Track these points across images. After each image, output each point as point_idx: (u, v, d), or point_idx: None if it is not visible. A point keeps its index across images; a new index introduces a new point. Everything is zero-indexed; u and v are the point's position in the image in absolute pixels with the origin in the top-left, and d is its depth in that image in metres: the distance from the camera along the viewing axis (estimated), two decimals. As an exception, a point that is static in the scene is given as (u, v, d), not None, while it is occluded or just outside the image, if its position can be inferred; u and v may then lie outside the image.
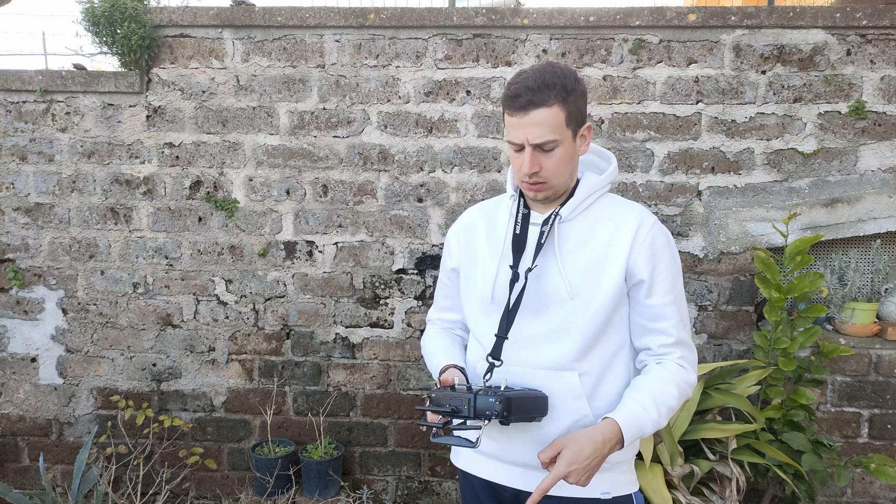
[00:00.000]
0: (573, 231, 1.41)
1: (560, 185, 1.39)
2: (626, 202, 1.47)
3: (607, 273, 1.37)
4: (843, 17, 2.81)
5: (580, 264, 1.38)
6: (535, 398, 1.31)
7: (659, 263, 1.37)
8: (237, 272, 3.15)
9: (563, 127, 1.32)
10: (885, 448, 2.86)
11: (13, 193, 3.16)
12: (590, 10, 2.89)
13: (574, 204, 1.42)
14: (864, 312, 2.86)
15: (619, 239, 1.38)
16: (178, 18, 3.02)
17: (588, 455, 1.24)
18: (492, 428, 1.32)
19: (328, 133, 3.06)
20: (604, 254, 1.38)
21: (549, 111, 1.29)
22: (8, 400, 3.27)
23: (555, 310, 1.38)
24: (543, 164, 1.33)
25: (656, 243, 1.38)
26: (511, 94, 1.32)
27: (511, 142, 1.36)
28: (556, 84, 1.30)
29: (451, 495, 3.19)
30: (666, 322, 1.38)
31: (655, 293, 1.38)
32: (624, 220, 1.40)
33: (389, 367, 3.16)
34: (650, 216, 1.42)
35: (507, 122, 1.35)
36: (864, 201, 2.85)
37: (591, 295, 1.36)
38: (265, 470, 3.00)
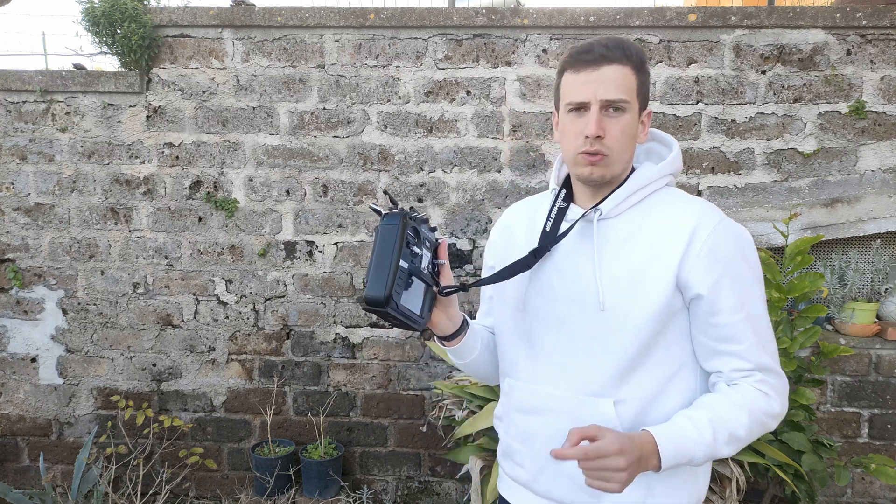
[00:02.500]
0: (616, 230, 1.18)
1: (619, 165, 1.17)
2: (687, 197, 1.21)
3: (651, 283, 1.13)
4: (843, 17, 2.81)
5: (619, 270, 1.15)
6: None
7: (723, 274, 1.12)
8: (237, 272, 3.15)
9: (633, 93, 1.15)
10: (885, 448, 2.86)
11: (13, 193, 3.16)
12: (590, 10, 2.89)
13: (619, 197, 1.19)
14: (864, 312, 2.86)
15: (669, 242, 1.14)
16: (178, 18, 3.02)
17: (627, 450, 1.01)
18: (522, 455, 1.22)
19: (328, 133, 3.06)
20: (649, 260, 1.14)
21: (623, 70, 1.13)
22: (8, 400, 3.27)
23: (583, 321, 1.17)
24: (609, 129, 1.13)
25: (719, 249, 1.13)
26: (580, 49, 1.15)
27: (571, 102, 1.15)
28: (632, 49, 1.15)
29: (450, 495, 3.19)
30: (738, 345, 1.13)
31: (721, 311, 1.13)
32: (679, 220, 1.15)
33: (389, 367, 3.16)
34: (714, 215, 1.16)
35: (568, 83, 1.16)
36: (864, 201, 2.85)
37: (629, 308, 1.13)
38: (265, 470, 3.00)
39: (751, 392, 1.13)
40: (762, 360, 1.14)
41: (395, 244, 1.01)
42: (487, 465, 2.43)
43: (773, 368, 1.15)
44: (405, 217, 1.04)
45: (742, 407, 1.12)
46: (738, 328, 1.13)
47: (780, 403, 1.16)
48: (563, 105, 1.18)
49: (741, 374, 1.14)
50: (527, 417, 1.23)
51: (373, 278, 1.00)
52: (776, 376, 1.16)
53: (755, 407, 1.12)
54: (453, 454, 2.63)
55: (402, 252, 1.02)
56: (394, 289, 0.99)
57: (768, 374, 1.15)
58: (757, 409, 1.12)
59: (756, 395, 1.13)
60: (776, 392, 1.15)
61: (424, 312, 1.12)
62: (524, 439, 1.24)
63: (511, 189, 3.03)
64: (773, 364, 1.16)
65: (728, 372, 1.15)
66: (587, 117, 1.14)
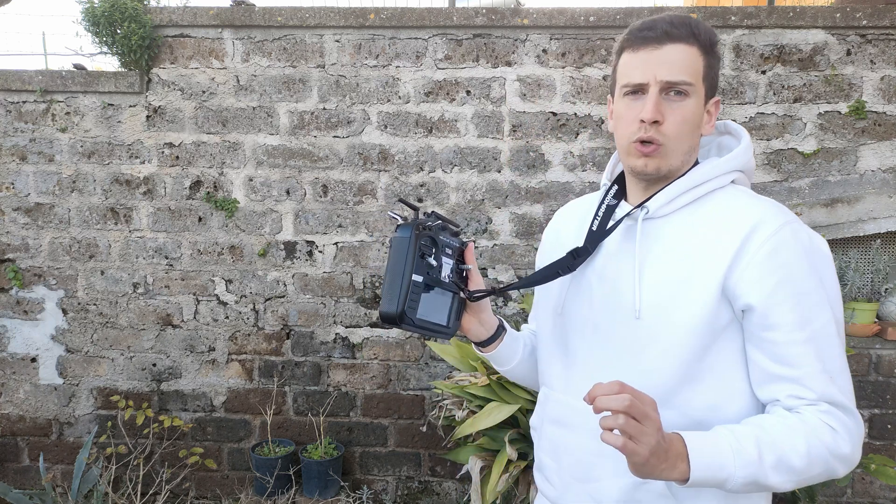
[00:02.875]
0: (665, 231, 1.05)
1: (676, 157, 1.04)
2: (755, 197, 1.04)
3: (693, 291, 0.98)
4: (843, 17, 2.81)
5: (661, 276, 1.02)
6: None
7: (783, 284, 0.95)
8: (237, 272, 3.15)
9: (698, 76, 1.02)
10: (885, 448, 2.86)
11: (13, 193, 3.16)
12: (590, 10, 2.89)
13: (670, 195, 1.05)
14: (864, 312, 2.86)
15: (720, 246, 0.98)
16: (178, 18, 3.02)
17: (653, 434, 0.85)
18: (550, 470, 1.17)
19: (328, 133, 3.06)
20: (695, 265, 1.00)
21: (688, 49, 1.00)
22: (8, 400, 3.27)
23: (618, 330, 1.05)
24: (668, 115, 1.01)
25: (780, 254, 0.96)
26: (641, 25, 1.03)
27: (628, 83, 1.03)
28: (701, 28, 1.02)
29: (450, 495, 3.19)
30: (797, 369, 0.95)
31: (777, 326, 0.96)
32: (736, 221, 1.00)
33: (389, 367, 3.16)
34: (780, 216, 0.99)
35: (626, 63, 1.04)
36: (864, 201, 2.85)
37: (666, 318, 1.00)
38: (265, 470, 3.00)
39: (814, 420, 0.94)
40: (828, 391, 0.95)
41: (407, 258, 0.98)
42: (487, 465, 2.42)
43: (844, 404, 0.96)
44: (417, 227, 1.01)
45: (799, 432, 0.93)
46: (798, 349, 0.95)
47: (849, 444, 0.94)
48: (618, 88, 1.06)
49: (803, 402, 0.95)
50: (558, 430, 1.15)
51: (386, 294, 0.98)
52: (849, 414, 0.96)
53: (817, 437, 0.92)
54: (453, 454, 2.63)
55: (414, 265, 0.99)
56: (407, 303, 0.97)
57: (838, 408, 0.95)
58: (819, 442, 0.92)
59: (820, 425, 0.94)
60: (847, 431, 0.94)
61: (452, 321, 1.08)
62: (554, 454, 1.16)
63: (511, 189, 3.03)
64: (843, 400, 0.96)
65: (785, 399, 0.96)
66: (644, 101, 1.01)
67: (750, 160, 1.10)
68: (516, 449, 2.35)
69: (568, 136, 2.98)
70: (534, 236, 3.05)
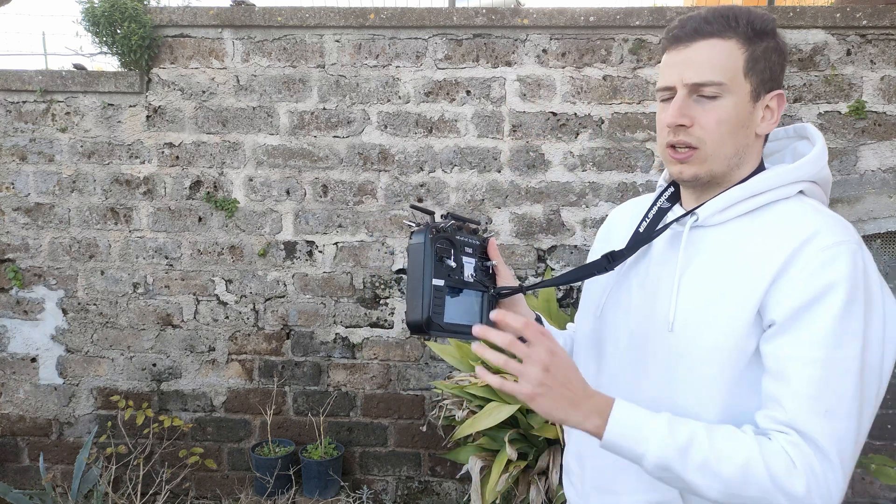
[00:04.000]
0: (714, 242, 0.97)
1: (718, 162, 0.95)
2: (819, 212, 0.94)
3: (730, 307, 0.91)
4: (843, 17, 2.81)
5: (701, 288, 0.95)
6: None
7: (817, 300, 0.85)
8: (237, 272, 3.15)
9: (737, 72, 0.92)
10: (885, 448, 2.86)
11: (13, 193, 3.16)
12: (590, 10, 2.89)
13: (723, 203, 0.96)
14: (864, 312, 2.86)
15: (766, 261, 0.89)
16: (178, 18, 3.02)
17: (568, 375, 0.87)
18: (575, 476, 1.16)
19: (328, 133, 3.06)
20: (737, 280, 0.92)
21: (720, 44, 0.92)
22: (8, 400, 3.27)
23: (650, 342, 0.99)
24: (698, 118, 0.93)
25: (828, 272, 0.85)
26: (677, 23, 0.97)
27: (659, 87, 0.98)
28: (742, 18, 0.93)
29: (450, 495, 3.19)
30: (784, 385, 0.86)
31: (785, 338, 0.87)
32: (789, 234, 0.90)
33: (389, 367, 3.16)
34: (841, 233, 0.89)
35: (663, 65, 0.99)
36: (864, 201, 2.85)
37: (697, 333, 0.93)
38: (265, 470, 3.00)
39: (773, 445, 0.84)
40: (805, 422, 0.83)
41: (425, 263, 0.95)
42: (487, 465, 2.43)
43: (822, 448, 0.83)
44: (431, 231, 0.98)
45: (744, 445, 0.85)
46: (797, 366, 0.85)
47: (805, 487, 0.82)
48: (657, 92, 1.00)
49: (776, 425, 0.86)
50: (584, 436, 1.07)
51: (409, 303, 0.97)
52: (824, 461, 0.83)
53: (764, 460, 0.83)
54: (453, 454, 2.63)
55: (433, 270, 0.96)
56: (433, 309, 0.95)
57: (812, 447, 0.83)
58: (764, 466, 0.83)
59: (778, 452, 0.83)
60: (810, 474, 0.82)
61: (485, 320, 1.05)
62: (579, 459, 1.14)
63: (511, 189, 3.03)
64: (823, 442, 0.83)
65: (761, 419, 0.88)
66: (672, 104, 0.95)
67: (822, 170, 0.99)
68: (516, 449, 2.35)
69: (568, 136, 2.98)
70: (534, 236, 3.05)
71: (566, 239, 3.04)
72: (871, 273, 0.88)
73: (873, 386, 0.87)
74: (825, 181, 1.01)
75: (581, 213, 3.02)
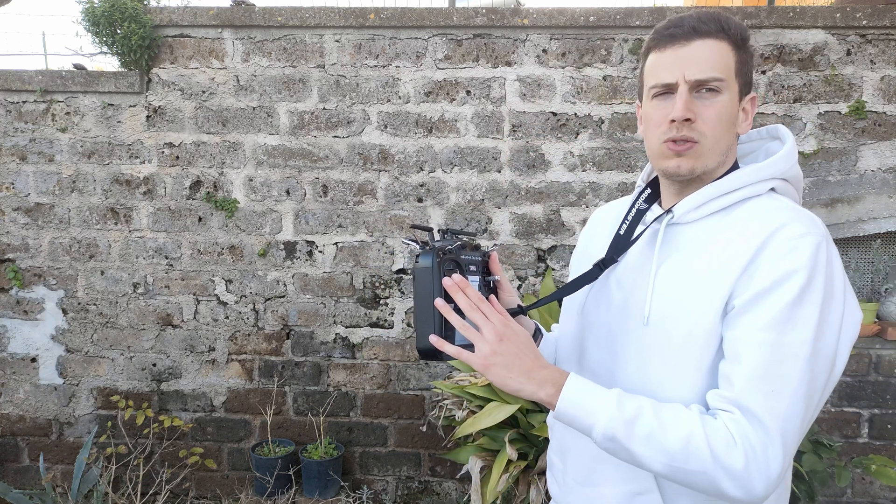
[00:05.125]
0: (688, 238, 1.00)
1: (713, 157, 0.99)
2: (789, 208, 0.97)
3: (702, 302, 0.94)
4: (843, 17, 2.81)
5: (675, 283, 0.98)
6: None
7: (777, 286, 0.88)
8: (237, 272, 3.15)
9: (731, 72, 0.97)
10: (885, 448, 2.86)
11: (13, 193, 3.16)
12: (590, 10, 2.89)
13: (699, 200, 1.00)
14: (864, 312, 2.86)
15: (736, 254, 0.93)
16: (178, 18, 3.02)
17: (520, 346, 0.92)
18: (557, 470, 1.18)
19: (328, 133, 3.06)
20: (709, 274, 0.95)
21: (718, 45, 0.96)
22: (8, 400, 3.27)
23: (628, 336, 1.03)
24: (700, 113, 0.96)
25: (791, 259, 0.88)
26: (668, 23, 0.99)
27: (657, 84, 0.99)
28: (731, 23, 0.98)
29: (450, 495, 3.19)
30: (734, 365, 0.89)
31: (742, 320, 0.90)
32: (759, 228, 0.93)
33: (389, 367, 3.16)
34: (809, 226, 0.92)
35: (653, 63, 1.00)
36: (864, 201, 2.85)
37: (671, 326, 0.97)
38: (265, 470, 3.00)
39: (716, 422, 0.87)
40: (750, 400, 0.86)
41: (434, 287, 0.95)
42: (487, 465, 2.43)
43: (764, 422, 0.85)
44: (438, 254, 0.97)
45: (688, 420, 0.88)
46: (749, 347, 0.88)
47: (744, 462, 0.84)
48: (646, 90, 1.02)
49: (723, 403, 0.89)
50: (566, 431, 1.15)
51: (419, 328, 0.97)
52: (763, 435, 0.85)
53: (705, 435, 0.86)
54: (453, 454, 2.63)
55: (442, 293, 0.95)
56: (444, 334, 0.95)
57: (753, 424, 0.86)
58: (705, 440, 0.85)
59: (720, 428, 0.86)
60: (750, 451, 0.85)
61: None
62: (561, 453, 1.17)
63: (511, 189, 3.03)
64: (766, 418, 0.85)
65: (710, 397, 0.91)
66: (673, 101, 0.97)
67: (792, 167, 1.02)
68: (516, 449, 2.35)
69: (568, 136, 2.98)
70: (534, 236, 3.05)
71: (566, 239, 3.04)
72: (834, 266, 0.91)
73: (824, 373, 0.90)
74: (796, 179, 1.05)
75: (581, 213, 3.02)
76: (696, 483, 0.88)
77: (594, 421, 0.89)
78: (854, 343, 0.95)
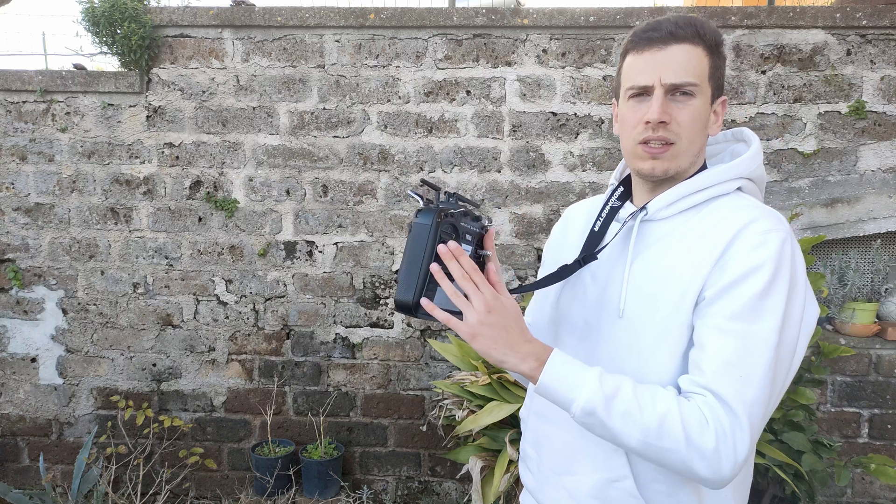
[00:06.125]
0: (661, 234, 1.05)
1: (686, 157, 1.03)
2: (754, 205, 1.02)
3: (675, 294, 0.98)
4: (843, 17, 2.81)
5: (649, 277, 1.02)
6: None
7: (744, 278, 0.93)
8: (237, 272, 3.15)
9: (705, 77, 1.01)
10: (885, 448, 2.86)
11: (13, 193, 3.16)
12: (590, 10, 2.89)
13: (671, 197, 1.04)
14: (864, 312, 2.86)
15: (707, 249, 0.98)
16: (178, 18, 3.02)
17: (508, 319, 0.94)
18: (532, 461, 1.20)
19: (328, 133, 3.06)
20: (681, 268, 0.99)
21: (693, 50, 1.00)
22: (8, 400, 3.27)
23: (602, 329, 1.07)
24: (675, 115, 1.00)
25: (759, 253, 0.93)
26: (646, 27, 1.03)
27: (633, 86, 1.03)
28: (706, 28, 1.01)
29: (450, 495, 3.19)
30: (702, 351, 0.94)
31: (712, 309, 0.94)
32: (728, 225, 0.98)
33: (389, 367, 3.16)
34: (775, 223, 0.97)
35: (631, 65, 1.04)
36: (864, 201, 2.85)
37: (646, 318, 1.01)
38: (265, 470, 3.00)
39: (689, 404, 0.91)
40: (721, 385, 0.90)
41: (427, 246, 0.95)
42: (488, 465, 2.42)
43: (733, 407, 0.89)
44: (439, 214, 0.97)
45: (664, 399, 0.91)
46: (719, 335, 0.92)
47: (715, 443, 0.88)
48: (623, 91, 1.06)
49: (696, 387, 0.92)
50: (541, 423, 1.18)
51: (402, 281, 0.97)
52: (735, 424, 0.89)
53: (680, 415, 0.89)
54: (453, 454, 2.63)
55: (434, 254, 0.95)
56: (425, 293, 0.96)
57: (723, 407, 0.89)
58: (679, 420, 0.89)
59: (693, 410, 0.90)
60: (720, 432, 0.88)
61: None
62: (536, 445, 1.20)
63: (511, 189, 3.03)
64: (737, 406, 0.89)
65: (683, 383, 0.95)
66: (649, 102, 1.01)
67: (758, 168, 1.07)
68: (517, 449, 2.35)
69: (568, 136, 2.98)
70: (534, 236, 3.05)
71: (566, 239, 3.04)
72: (797, 261, 0.96)
73: (787, 362, 0.95)
74: (760, 179, 1.10)
75: (581, 213, 3.02)
76: (668, 461, 0.91)
77: (575, 395, 0.92)
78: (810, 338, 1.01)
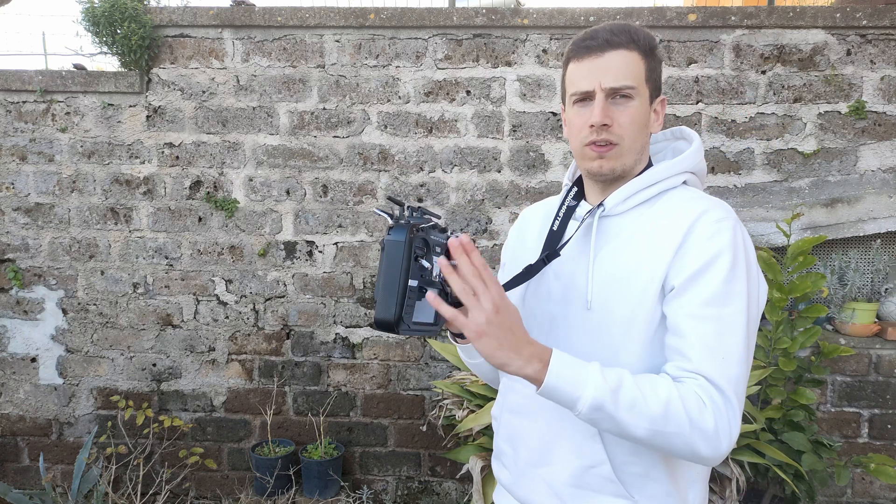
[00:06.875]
0: (619, 228, 1.11)
1: (630, 156, 1.10)
2: (702, 196, 1.11)
3: (640, 282, 1.04)
4: (843, 17, 2.81)
5: (612, 270, 1.08)
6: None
7: (708, 266, 1.00)
8: (237, 272, 3.15)
9: (642, 79, 1.08)
10: (885, 448, 2.86)
11: (13, 193, 3.16)
12: (590, 10, 2.89)
13: (625, 193, 1.11)
14: (864, 312, 2.86)
15: (666, 240, 1.05)
16: (178, 18, 3.02)
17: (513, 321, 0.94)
18: (507, 457, 1.20)
19: (328, 133, 3.06)
20: (643, 258, 1.06)
21: (629, 55, 1.07)
22: (8, 400, 3.27)
23: (570, 322, 1.11)
24: (616, 118, 1.07)
25: (716, 241, 1.01)
26: (583, 36, 1.09)
27: (576, 92, 1.09)
28: (640, 34, 1.08)
29: (450, 495, 3.19)
30: (682, 339, 0.99)
31: (685, 298, 1.00)
32: (682, 216, 1.06)
33: (389, 367, 3.16)
34: (725, 212, 1.05)
35: (573, 73, 1.10)
36: (864, 201, 2.85)
37: (613, 308, 1.06)
38: (265, 470, 3.00)
39: (686, 388, 0.96)
40: (708, 368, 0.96)
41: (402, 263, 0.95)
42: (488, 465, 2.43)
43: (722, 388, 0.95)
44: (411, 230, 0.97)
45: (664, 385, 0.95)
46: (693, 323, 0.98)
47: (714, 421, 0.94)
48: (568, 97, 1.13)
49: (685, 373, 0.98)
50: (516, 419, 1.20)
51: (382, 300, 0.96)
52: (726, 400, 0.95)
53: (681, 399, 0.94)
54: (453, 454, 2.63)
55: (409, 270, 0.96)
56: (404, 310, 0.95)
57: (715, 388, 0.96)
58: (681, 404, 0.93)
59: (690, 393, 0.95)
60: (716, 409, 0.94)
61: (438, 318, 1.06)
62: (511, 441, 1.21)
63: (511, 189, 3.03)
64: (724, 384, 0.96)
65: (671, 369, 1.00)
66: (591, 107, 1.07)
67: (700, 162, 1.15)
68: (516, 449, 2.34)
69: (568, 136, 2.98)
70: (534, 236, 3.05)
71: (566, 239, 3.04)
72: (748, 245, 1.05)
73: (753, 337, 1.03)
74: (702, 172, 1.18)
75: (581, 213, 3.02)
76: (672, 445, 0.95)
77: (581, 393, 0.93)
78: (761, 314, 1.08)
